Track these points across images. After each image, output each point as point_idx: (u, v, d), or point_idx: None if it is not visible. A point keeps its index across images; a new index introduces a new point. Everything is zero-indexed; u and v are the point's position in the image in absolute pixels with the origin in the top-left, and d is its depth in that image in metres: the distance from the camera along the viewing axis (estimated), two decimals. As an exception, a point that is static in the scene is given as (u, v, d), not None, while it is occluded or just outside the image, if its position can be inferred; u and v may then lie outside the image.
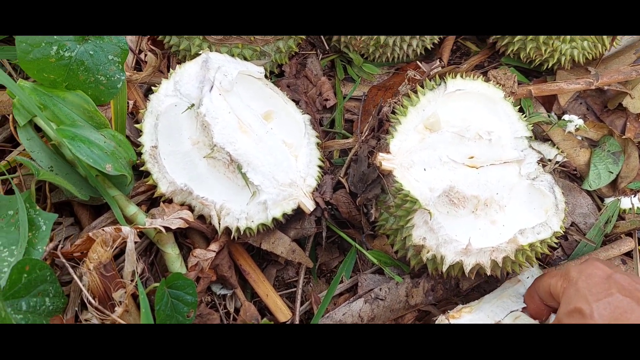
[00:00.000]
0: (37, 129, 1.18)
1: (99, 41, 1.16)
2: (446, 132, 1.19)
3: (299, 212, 1.18)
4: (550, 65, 1.48)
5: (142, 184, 1.24)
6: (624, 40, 1.56)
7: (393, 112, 1.22)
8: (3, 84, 1.09)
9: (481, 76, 1.27)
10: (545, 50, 1.44)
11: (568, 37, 1.41)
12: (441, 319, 1.11)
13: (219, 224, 1.15)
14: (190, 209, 1.18)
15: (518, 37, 1.44)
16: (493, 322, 1.10)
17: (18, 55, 1.11)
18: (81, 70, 1.16)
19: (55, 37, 1.12)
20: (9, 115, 1.29)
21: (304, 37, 1.43)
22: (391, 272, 1.22)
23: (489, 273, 1.11)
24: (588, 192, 1.39)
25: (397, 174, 1.12)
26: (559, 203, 1.16)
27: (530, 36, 1.42)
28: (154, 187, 1.19)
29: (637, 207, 1.36)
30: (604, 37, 1.42)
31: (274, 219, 1.15)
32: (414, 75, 1.25)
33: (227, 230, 1.17)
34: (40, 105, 1.15)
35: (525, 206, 1.19)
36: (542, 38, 1.41)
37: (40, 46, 1.11)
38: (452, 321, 1.10)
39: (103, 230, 1.08)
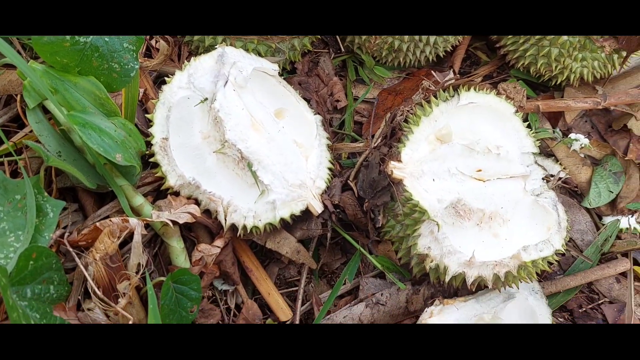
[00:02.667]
0: (45, 111, 1.16)
1: (115, 28, 1.14)
2: (456, 144, 1.20)
3: (306, 213, 1.19)
4: (559, 81, 1.50)
5: (149, 175, 1.23)
6: (633, 60, 1.58)
7: (406, 121, 1.23)
8: (14, 64, 1.07)
9: (493, 90, 1.28)
10: (556, 67, 1.45)
11: (580, 55, 1.42)
12: (436, 303, 1.13)
13: (225, 220, 1.15)
14: (197, 203, 1.18)
15: (530, 52, 1.45)
16: (484, 311, 1.13)
17: (33, 36, 1.08)
18: (95, 57, 1.14)
19: (71, 21, 1.10)
20: (16, 95, 1.27)
21: (318, 35, 1.42)
22: (394, 278, 1.24)
23: (490, 286, 1.13)
24: (587, 210, 1.41)
25: (407, 183, 1.13)
26: (562, 221, 1.18)
27: (543, 52, 1.43)
28: (162, 178, 1.18)
29: (634, 228, 1.39)
30: (615, 57, 1.44)
31: (282, 219, 1.16)
32: (429, 86, 1.25)
33: (233, 227, 1.17)
34: (51, 88, 1.13)
35: (528, 221, 1.21)
36: (554, 54, 1.42)
37: (56, 30, 1.09)
38: (447, 306, 1.13)
39: (110, 220, 1.07)
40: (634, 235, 1.38)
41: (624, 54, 1.41)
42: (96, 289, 1.03)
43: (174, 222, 1.13)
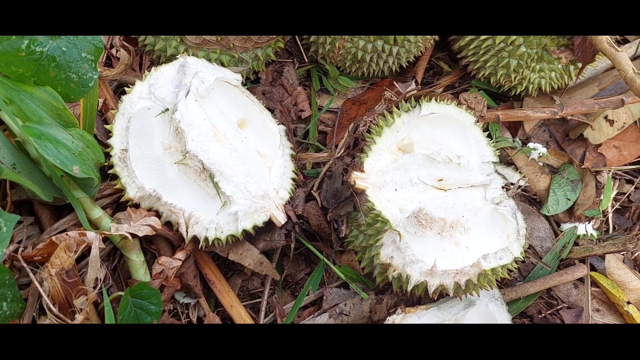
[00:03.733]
0: (0, 122, 1.13)
1: (72, 37, 1.12)
2: (418, 154, 1.21)
3: (269, 224, 1.18)
4: (518, 91, 1.53)
5: (108, 187, 1.21)
6: (588, 72, 1.63)
7: (368, 131, 1.24)
8: (-34, 74, 1.04)
9: (454, 101, 1.30)
10: (515, 78, 1.49)
11: (537, 66, 1.46)
12: (399, 312, 1.14)
13: (187, 232, 1.14)
14: (158, 215, 1.16)
15: (490, 62, 1.48)
16: (445, 319, 1.14)
17: (-15, 46, 1.06)
18: (52, 67, 1.11)
19: (26, 30, 1.07)
20: (-31, 105, 1.23)
21: (282, 45, 1.42)
22: (357, 288, 1.24)
23: (451, 295, 1.15)
24: (546, 217, 1.45)
25: (370, 193, 1.14)
26: (521, 229, 1.21)
27: (502, 63, 1.46)
28: (121, 190, 1.16)
29: (591, 234, 1.43)
30: (571, 68, 1.48)
31: (244, 231, 1.15)
32: (391, 97, 1.26)
33: (195, 239, 1.15)
34: (5, 99, 1.10)
35: (488, 230, 1.23)
36: (512, 66, 1.46)
37: (10, 39, 1.06)
38: (409, 315, 1.14)
39: (67, 234, 1.05)
40: (591, 242, 1.42)
41: (580, 65, 1.45)
42: (51, 305, 1.00)
43: (134, 235, 1.11)
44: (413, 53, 1.53)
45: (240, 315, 1.19)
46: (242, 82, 1.30)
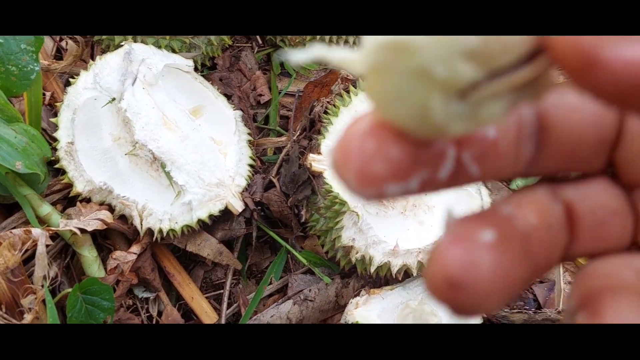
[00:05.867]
0: (-60, 121, 1.09)
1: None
2: (377, 132, 1.18)
3: (226, 213, 1.15)
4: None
5: (57, 182, 1.17)
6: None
7: (325, 112, 1.20)
8: None
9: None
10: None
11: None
12: (362, 293, 1.11)
13: (141, 224, 1.10)
14: (111, 209, 1.12)
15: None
16: (410, 298, 1.12)
17: None
18: (-11, 59, 1.07)
19: (-43, 22, 1.03)
20: None
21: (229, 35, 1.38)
22: (320, 273, 1.21)
23: (415, 274, 1.12)
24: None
25: (327, 176, 1.10)
26: (485, 205, 1.18)
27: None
28: (71, 185, 1.12)
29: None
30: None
31: (200, 220, 1.11)
32: (347, 76, 1.23)
33: (150, 232, 1.12)
34: (-59, 95, 1.06)
35: (452, 207, 1.20)
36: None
37: (-61, 32, 1.02)
38: (373, 296, 1.11)
39: (11, 232, 1.01)
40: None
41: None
42: (-3, 306, 0.96)
43: (83, 230, 1.08)
44: (374, 31, 1.49)
45: (202, 306, 1.16)
46: (196, 68, 1.26)
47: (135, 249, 1.12)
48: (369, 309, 1.10)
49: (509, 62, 0.23)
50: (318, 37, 1.40)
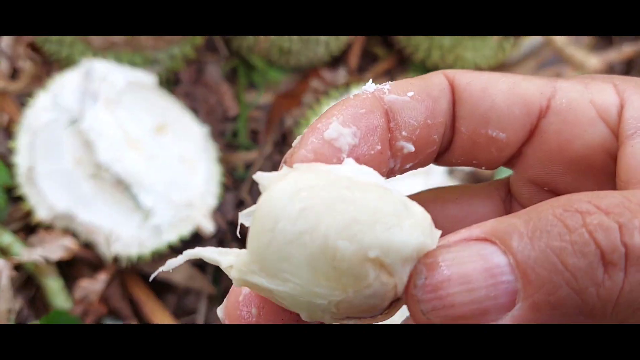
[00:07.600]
0: None
1: (-43, 49, 1.01)
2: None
3: (198, 235, 1.10)
4: (454, 72, 1.49)
5: (18, 210, 1.11)
6: (526, 46, 1.59)
7: (297, 125, 1.17)
8: None
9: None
10: (450, 58, 1.44)
11: (470, 44, 1.42)
12: None
13: (109, 251, 1.05)
14: (75, 235, 1.07)
15: (423, 45, 1.43)
16: None
17: None
18: (-64, 83, 1.01)
19: None
20: None
21: (200, 41, 1.34)
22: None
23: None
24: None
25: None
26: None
27: (435, 44, 1.41)
28: (32, 212, 1.07)
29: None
30: (505, 44, 1.45)
31: (170, 244, 1.07)
32: (317, 87, 1.20)
33: (118, 258, 1.07)
34: None
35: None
36: (446, 46, 1.41)
37: None
38: None
39: (-33, 266, 0.95)
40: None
41: (512, 40, 1.42)
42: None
43: (47, 260, 1.02)
44: (344, 41, 1.47)
45: (176, 333, 1.11)
46: (159, 84, 1.22)
47: (103, 276, 1.07)
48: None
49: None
50: (285, 45, 1.37)
